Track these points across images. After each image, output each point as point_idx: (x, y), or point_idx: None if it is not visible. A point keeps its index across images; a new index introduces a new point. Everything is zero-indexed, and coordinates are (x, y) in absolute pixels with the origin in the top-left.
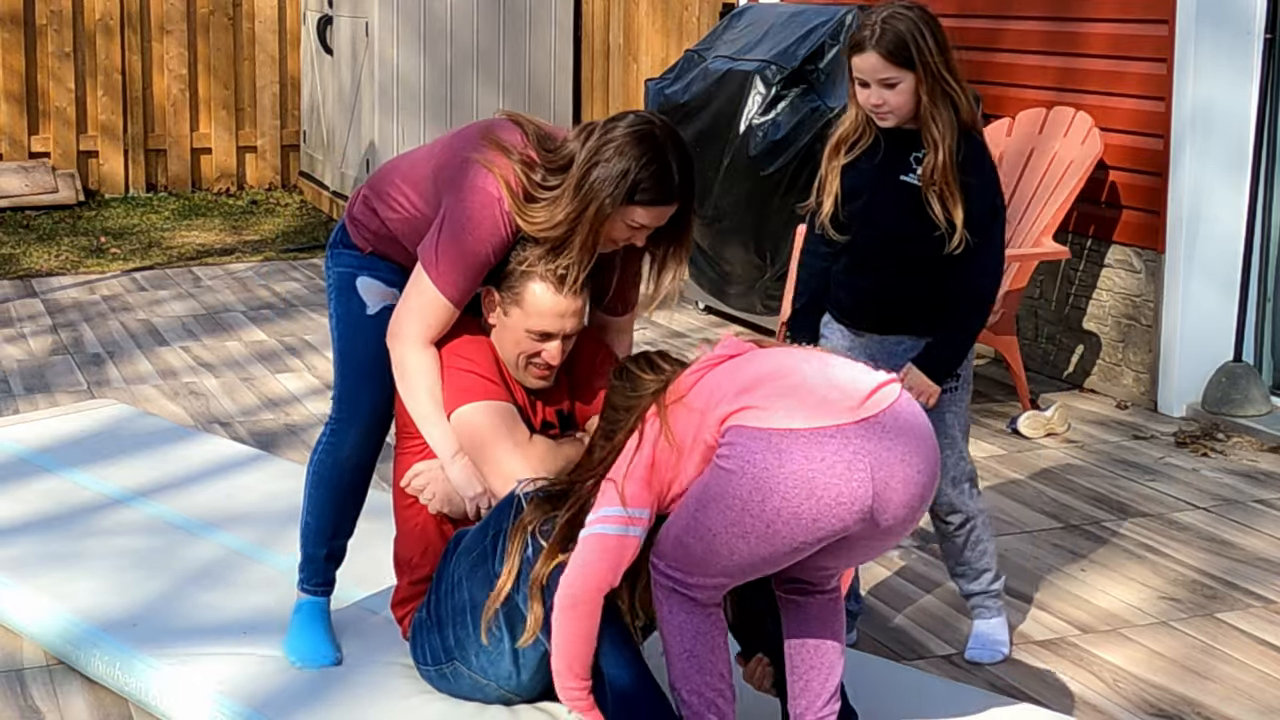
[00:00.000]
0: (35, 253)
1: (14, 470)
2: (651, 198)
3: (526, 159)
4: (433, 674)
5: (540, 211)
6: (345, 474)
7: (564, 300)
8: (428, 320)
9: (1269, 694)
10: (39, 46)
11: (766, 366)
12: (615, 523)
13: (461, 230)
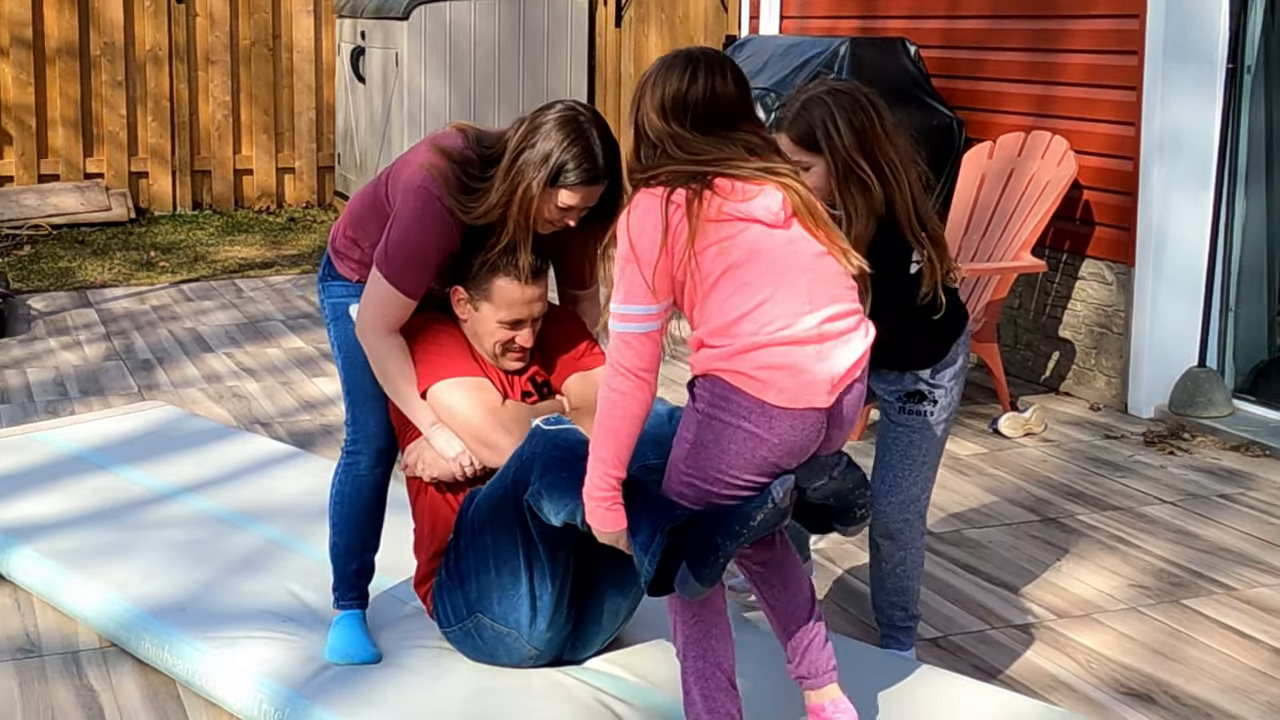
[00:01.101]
0: (90, 266)
1: (70, 467)
2: (576, 179)
3: (465, 158)
4: (457, 634)
5: (475, 201)
6: (364, 491)
7: (529, 289)
8: (384, 313)
9: (1231, 674)
10: (93, 76)
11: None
12: (616, 320)
13: (406, 229)
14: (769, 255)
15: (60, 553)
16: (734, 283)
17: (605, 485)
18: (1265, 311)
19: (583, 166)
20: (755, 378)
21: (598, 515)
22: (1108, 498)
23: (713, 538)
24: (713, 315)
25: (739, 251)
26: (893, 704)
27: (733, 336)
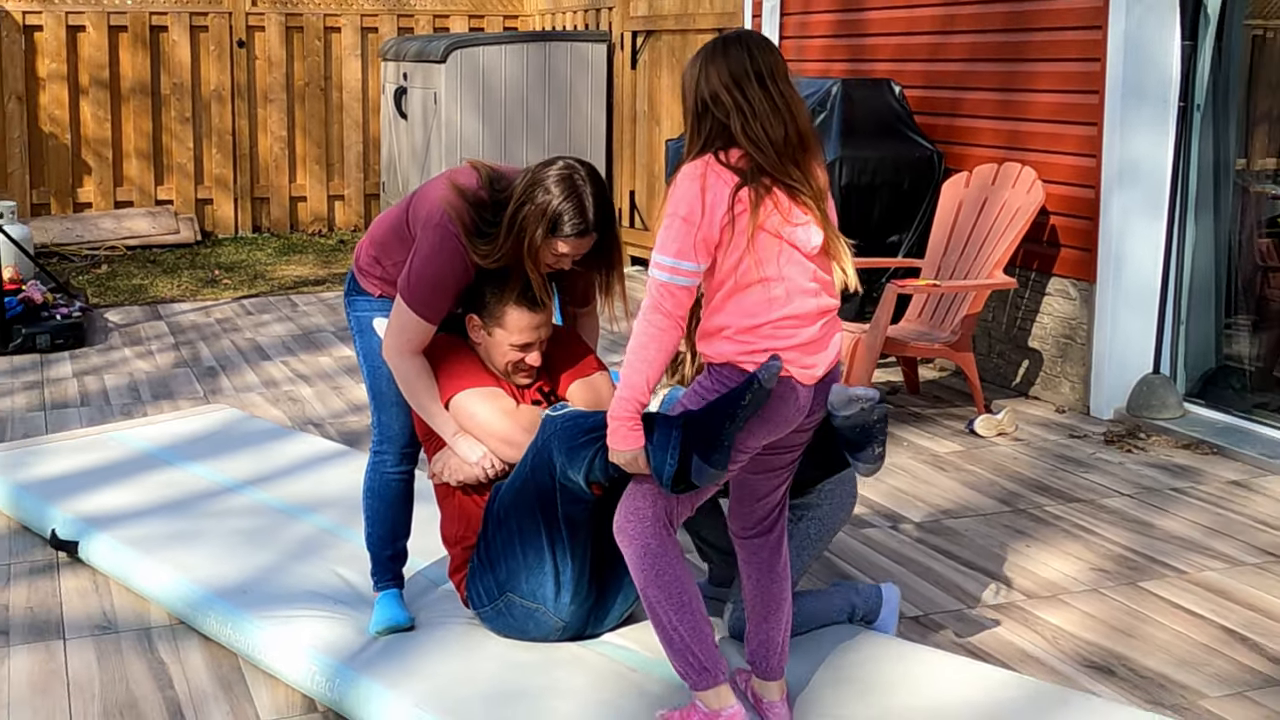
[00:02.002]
0: (161, 283)
1: (142, 464)
2: (570, 231)
3: (478, 199)
4: (489, 613)
5: (485, 245)
6: (392, 485)
7: (536, 316)
8: (408, 336)
9: (1183, 649)
10: (163, 112)
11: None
12: (662, 270)
13: (427, 262)
14: (796, 276)
15: (134, 540)
16: (765, 293)
17: (630, 409)
18: (1213, 324)
19: (575, 220)
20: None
21: (619, 435)
22: (1072, 491)
23: (715, 425)
24: (739, 314)
25: (773, 269)
26: (878, 676)
27: (756, 337)
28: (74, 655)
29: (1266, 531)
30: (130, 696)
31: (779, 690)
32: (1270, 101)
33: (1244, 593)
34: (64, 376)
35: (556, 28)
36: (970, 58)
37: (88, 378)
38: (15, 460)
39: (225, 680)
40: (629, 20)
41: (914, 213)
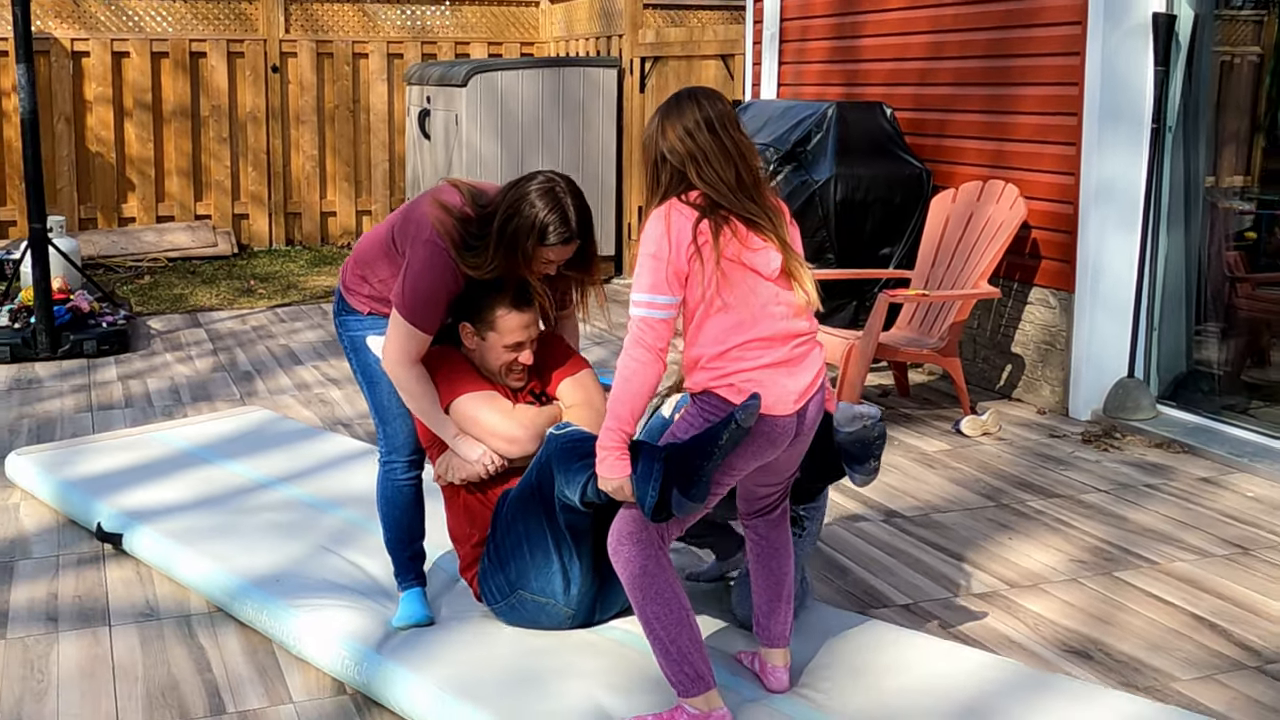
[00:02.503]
0: (200, 293)
1: (182, 462)
2: (555, 239)
3: (463, 215)
4: (503, 608)
5: (474, 258)
6: (403, 491)
7: (525, 315)
8: (406, 348)
9: (1155, 634)
10: (203, 133)
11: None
12: (640, 306)
13: (419, 277)
14: (759, 301)
15: (175, 533)
16: (730, 318)
17: (617, 439)
18: (1183, 331)
19: (560, 230)
20: (741, 390)
21: (607, 464)
22: (1052, 487)
23: (694, 462)
24: (709, 342)
25: (738, 293)
26: (871, 660)
27: (726, 362)
28: (119, 640)
29: (1234, 525)
30: (171, 679)
31: (783, 657)
32: (1237, 123)
33: (1213, 582)
34: (109, 380)
35: (570, 54)
36: (957, 82)
37: (131, 381)
38: (64, 458)
39: (260, 664)
40: (638, 47)
41: (904, 227)
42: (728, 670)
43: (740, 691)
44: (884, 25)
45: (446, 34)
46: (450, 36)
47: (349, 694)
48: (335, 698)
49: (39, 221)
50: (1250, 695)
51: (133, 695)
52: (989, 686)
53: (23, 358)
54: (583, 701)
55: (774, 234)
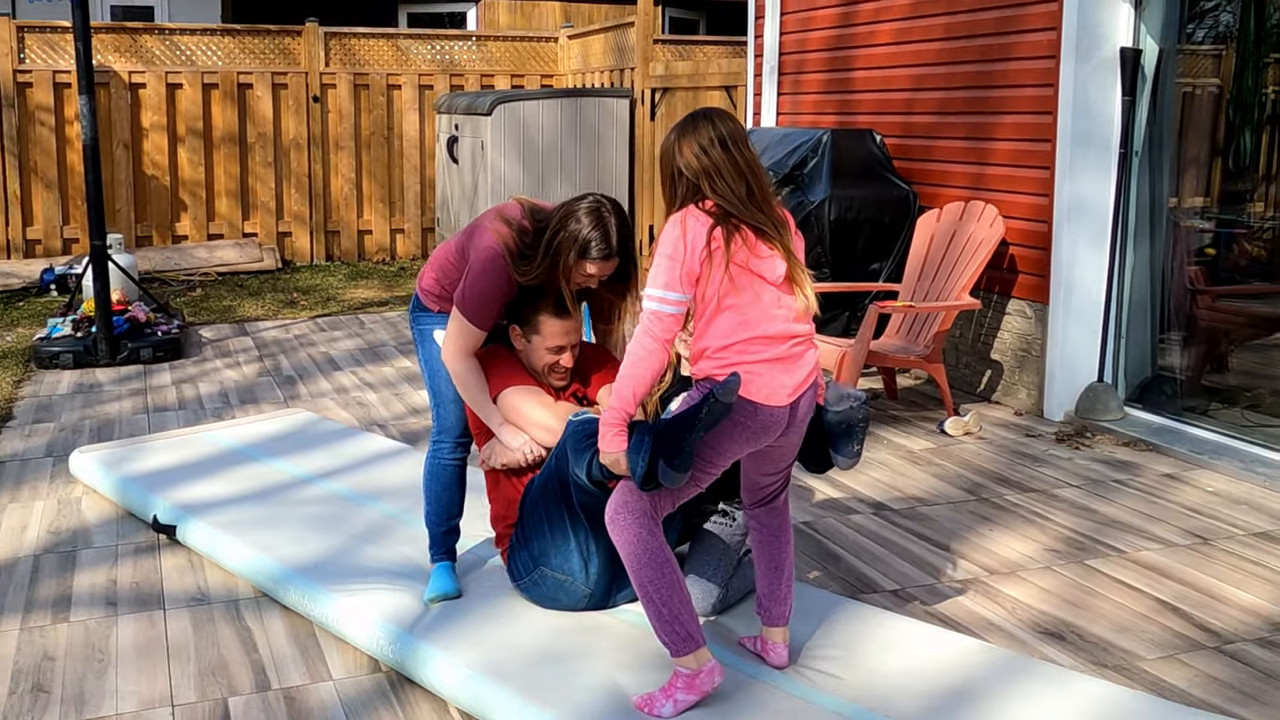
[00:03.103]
0: (247, 304)
1: (231, 459)
2: (596, 254)
3: (521, 227)
4: (526, 584)
5: (524, 265)
6: (448, 469)
7: (567, 322)
8: (464, 342)
9: (1123, 618)
10: (249, 158)
11: (759, 336)
12: (653, 300)
13: (477, 280)
14: (764, 303)
15: (224, 524)
16: (736, 317)
17: (619, 418)
18: (1148, 339)
19: (601, 246)
20: (742, 381)
21: (607, 439)
22: (1028, 482)
23: (678, 434)
24: (716, 336)
25: (745, 296)
26: (862, 641)
27: (729, 354)
28: (172, 623)
29: (1195, 517)
30: (221, 659)
31: (783, 635)
32: (1198, 149)
33: (1176, 569)
34: (164, 385)
35: (586, 85)
36: (940, 111)
37: (184, 385)
38: (122, 456)
39: (302, 644)
40: (648, 79)
41: (892, 244)
42: (732, 653)
43: (742, 670)
44: (873, 59)
45: (473, 67)
46: (476, 69)
47: (384, 672)
48: (371, 675)
49: (100, 239)
50: (1210, 673)
51: (185, 673)
52: (971, 669)
53: (85, 364)
54: (600, 679)
55: (780, 243)
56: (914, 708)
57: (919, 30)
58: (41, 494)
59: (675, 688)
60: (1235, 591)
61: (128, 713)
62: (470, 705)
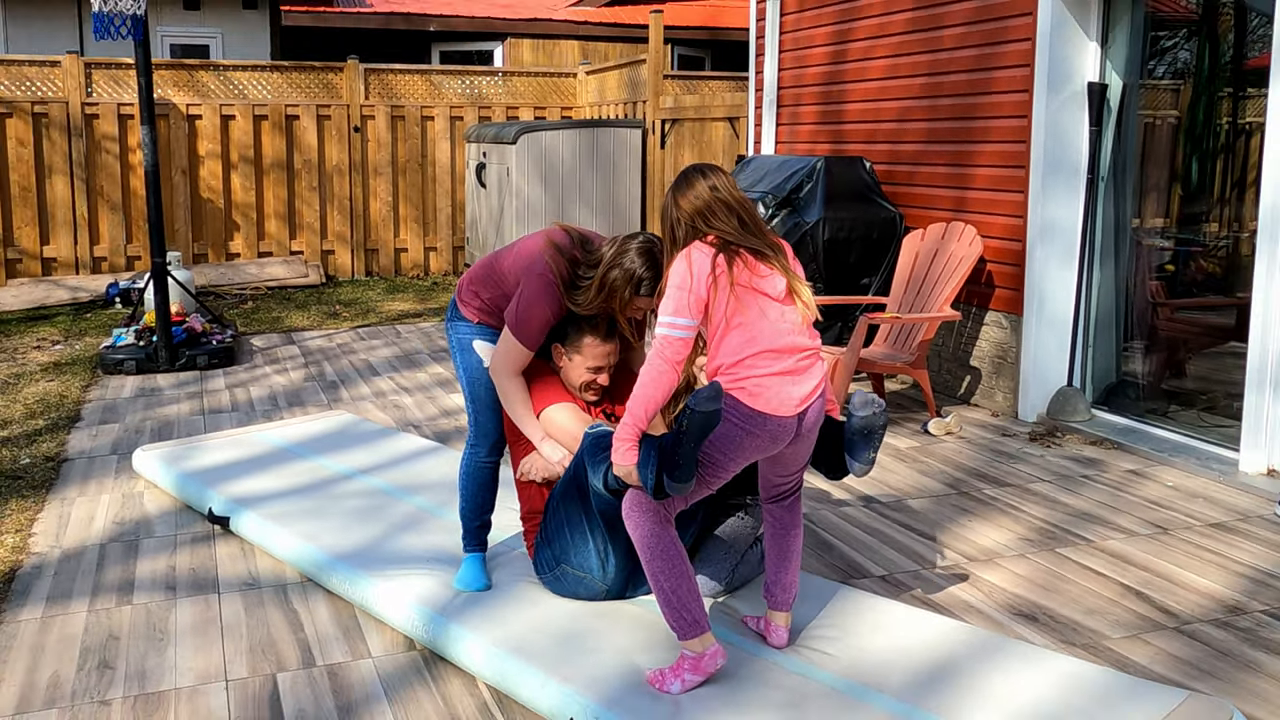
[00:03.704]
0: (294, 316)
1: (279, 457)
2: (648, 291)
3: (572, 256)
4: (549, 579)
5: (579, 295)
6: (484, 470)
7: (607, 345)
8: (513, 360)
9: (1091, 601)
10: (296, 183)
11: (766, 350)
12: (664, 326)
13: (530, 304)
14: (769, 319)
15: (273, 515)
16: (745, 334)
17: (632, 433)
18: (1114, 347)
19: (651, 284)
20: (752, 393)
21: (620, 453)
22: (1004, 478)
23: (673, 451)
24: (727, 353)
25: (751, 314)
26: (852, 622)
27: (740, 369)
28: (226, 605)
29: (1156, 509)
30: (270, 638)
31: (785, 619)
32: (1158, 174)
33: (1139, 557)
34: (218, 389)
35: (602, 116)
36: (925, 140)
37: (237, 389)
38: (180, 454)
39: (344, 625)
40: (659, 111)
41: (881, 261)
42: (736, 633)
43: (744, 649)
44: (863, 93)
45: (499, 100)
46: (502, 102)
47: (418, 650)
48: (407, 653)
49: (160, 256)
50: (1169, 651)
51: (238, 651)
52: (952, 647)
53: (146, 370)
54: (615, 657)
55: (778, 262)
56: (902, 682)
57: (905, 66)
58: (107, 488)
59: (683, 668)
60: (1192, 577)
61: (185, 687)
62: (496, 680)
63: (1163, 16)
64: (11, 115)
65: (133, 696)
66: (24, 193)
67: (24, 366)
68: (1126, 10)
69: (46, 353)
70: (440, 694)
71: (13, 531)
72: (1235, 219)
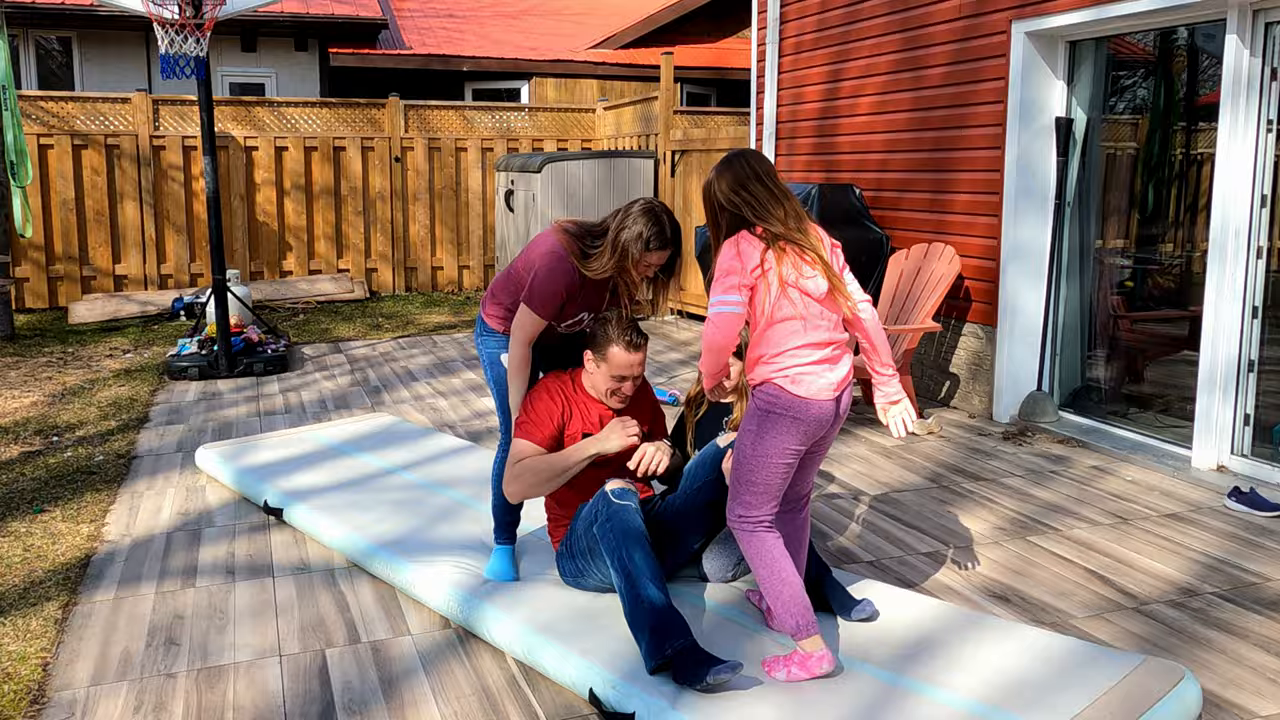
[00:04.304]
0: (341, 327)
1: (327, 454)
2: (657, 245)
3: (580, 232)
4: (572, 582)
5: (593, 263)
6: None
7: (634, 355)
8: (528, 330)
9: (1059, 585)
10: (343, 207)
11: (808, 344)
12: (715, 305)
13: (543, 279)
14: (809, 314)
15: (322, 507)
16: (786, 328)
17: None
18: (1078, 355)
19: (659, 239)
20: (794, 380)
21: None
22: (980, 473)
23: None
24: (770, 345)
25: (794, 309)
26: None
27: (782, 358)
28: (280, 588)
29: (1117, 501)
30: (319, 617)
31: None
32: (1119, 200)
33: (1101, 544)
34: (273, 393)
35: (619, 148)
36: (908, 169)
37: (289, 394)
38: (238, 451)
39: (386, 606)
40: (669, 143)
41: (869, 277)
42: (737, 608)
43: (745, 625)
44: (854, 126)
45: (525, 133)
46: (528, 135)
47: (453, 628)
48: (443, 631)
49: (220, 273)
50: (1128, 629)
51: (290, 629)
52: (933, 623)
53: (208, 376)
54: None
55: (821, 261)
56: (887, 654)
57: (891, 103)
58: (173, 482)
59: (792, 662)
60: (1150, 562)
61: (243, 661)
62: (523, 655)
63: (1123, 58)
64: (87, 147)
65: (195, 670)
66: (98, 216)
67: (98, 373)
68: (1090, 52)
69: (118, 360)
70: (472, 667)
71: (88, 521)
72: (1188, 240)
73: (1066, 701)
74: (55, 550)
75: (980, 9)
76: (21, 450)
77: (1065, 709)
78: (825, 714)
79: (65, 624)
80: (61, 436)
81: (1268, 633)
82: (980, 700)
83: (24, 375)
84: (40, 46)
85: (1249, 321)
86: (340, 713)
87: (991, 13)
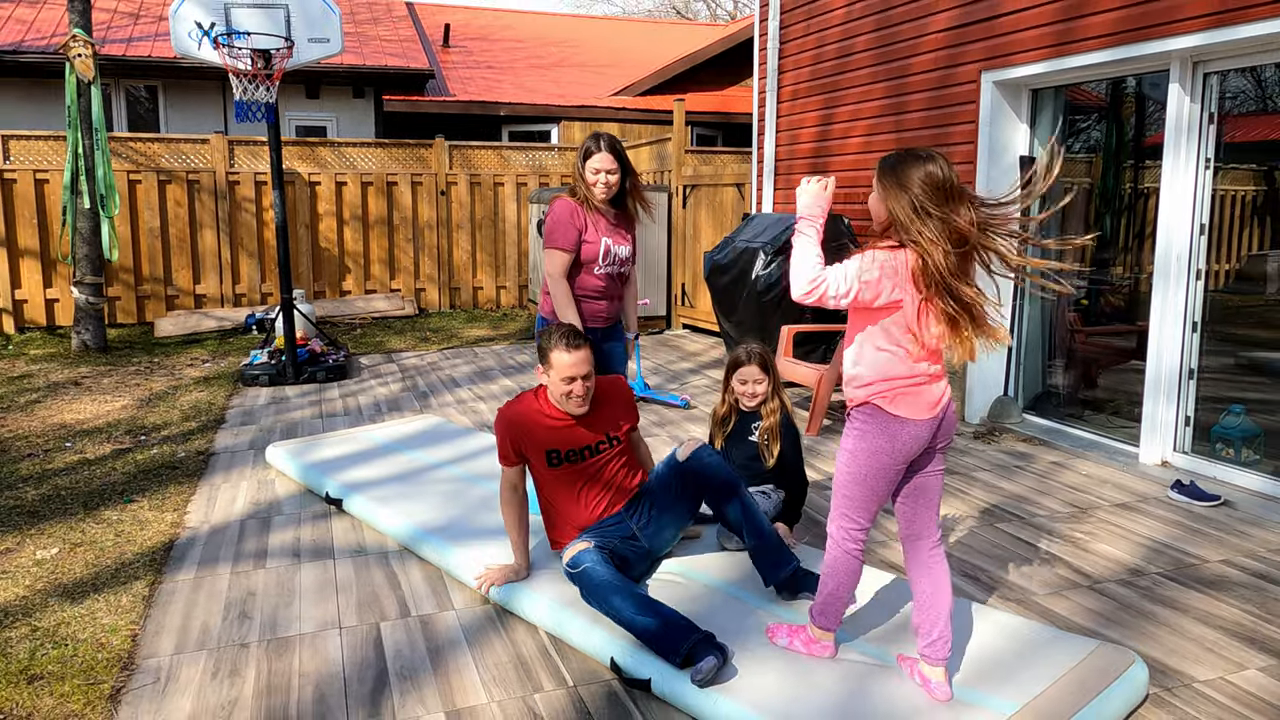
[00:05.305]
0: (393, 340)
1: (381, 451)
2: (594, 151)
3: (572, 189)
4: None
5: (576, 195)
6: None
7: (573, 355)
8: (559, 264)
9: (1021, 564)
10: (395, 235)
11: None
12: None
13: (559, 223)
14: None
15: (377, 497)
16: (890, 359)
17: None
18: (1040, 365)
19: (592, 146)
20: (895, 401)
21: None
22: (953, 468)
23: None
24: (876, 372)
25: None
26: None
27: (883, 381)
28: (340, 569)
29: (1074, 493)
30: (374, 595)
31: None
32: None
33: (1061, 530)
34: (333, 398)
35: None
36: None
37: (348, 398)
38: (303, 449)
39: (433, 585)
40: (681, 178)
41: None
42: (736, 585)
43: (747, 602)
44: (844, 164)
45: (555, 169)
46: (558, 171)
47: (491, 605)
48: (483, 607)
49: (287, 293)
50: (1085, 605)
51: (349, 604)
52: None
53: (277, 383)
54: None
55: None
56: (869, 629)
57: (877, 143)
58: (246, 476)
59: (798, 637)
60: (1103, 546)
61: (308, 633)
62: (553, 628)
63: (1079, 103)
64: (170, 181)
65: (266, 640)
66: (180, 243)
67: (180, 380)
68: (1050, 99)
69: (198, 369)
70: (509, 639)
71: (171, 510)
72: (1136, 264)
73: (1029, 680)
74: (143, 535)
75: (954, 61)
76: (113, 448)
77: (1029, 687)
78: (820, 684)
79: (151, 600)
80: (149, 436)
81: (1206, 608)
82: (954, 680)
83: (115, 382)
84: (130, 94)
85: (1189, 335)
86: (393, 678)
87: (964, 64)
